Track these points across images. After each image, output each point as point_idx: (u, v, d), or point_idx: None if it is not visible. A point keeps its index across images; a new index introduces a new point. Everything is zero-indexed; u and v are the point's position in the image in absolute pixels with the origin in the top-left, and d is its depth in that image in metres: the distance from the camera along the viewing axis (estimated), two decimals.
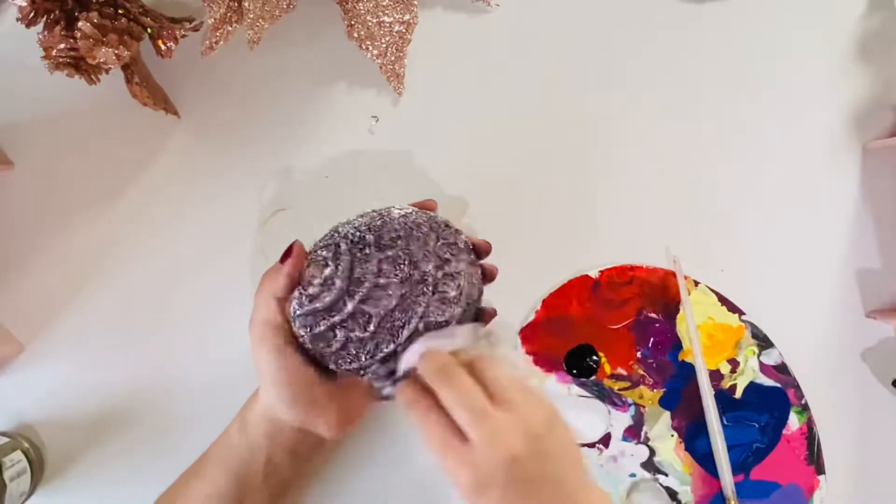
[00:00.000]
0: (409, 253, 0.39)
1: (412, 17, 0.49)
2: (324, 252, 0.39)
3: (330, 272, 0.39)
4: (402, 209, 0.40)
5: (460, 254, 0.40)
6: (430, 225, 0.40)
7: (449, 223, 0.41)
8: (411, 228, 0.39)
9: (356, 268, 0.39)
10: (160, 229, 0.52)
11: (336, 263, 0.39)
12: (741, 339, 0.51)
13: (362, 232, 0.39)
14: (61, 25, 0.44)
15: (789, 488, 0.49)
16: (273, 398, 0.40)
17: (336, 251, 0.39)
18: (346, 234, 0.39)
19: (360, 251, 0.39)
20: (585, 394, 0.51)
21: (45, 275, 0.51)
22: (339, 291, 0.39)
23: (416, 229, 0.40)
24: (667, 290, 0.51)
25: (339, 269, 0.39)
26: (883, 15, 0.52)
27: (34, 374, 0.51)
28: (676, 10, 0.52)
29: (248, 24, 0.46)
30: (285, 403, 0.40)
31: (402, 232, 0.39)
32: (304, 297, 0.39)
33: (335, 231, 0.40)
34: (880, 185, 0.51)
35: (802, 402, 0.50)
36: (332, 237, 0.40)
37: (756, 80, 0.52)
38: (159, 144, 0.52)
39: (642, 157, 0.52)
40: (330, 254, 0.39)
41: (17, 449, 0.49)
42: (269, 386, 0.40)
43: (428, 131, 0.52)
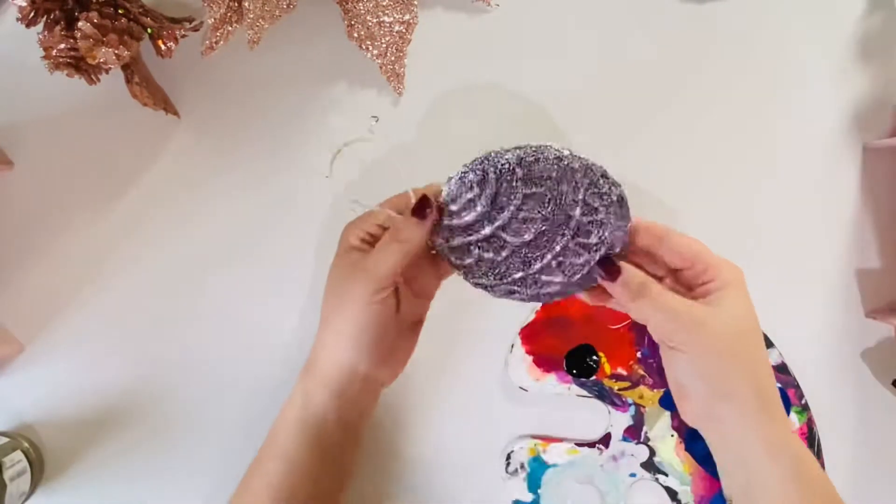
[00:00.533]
0: (557, 195, 0.40)
1: (412, 17, 0.49)
2: (471, 175, 0.40)
3: (474, 195, 0.40)
4: (560, 150, 0.41)
5: (611, 206, 0.40)
6: (584, 171, 0.40)
7: (607, 173, 0.41)
8: (564, 172, 0.40)
9: (500, 196, 0.40)
10: (160, 229, 0.52)
11: (482, 188, 0.40)
12: None
13: (512, 165, 0.40)
14: (61, 25, 0.44)
15: None
16: (351, 351, 0.41)
17: (483, 177, 0.40)
18: (495, 163, 0.40)
19: (507, 182, 0.40)
20: (585, 394, 0.51)
21: (45, 275, 0.51)
22: (479, 215, 0.40)
23: (570, 174, 0.40)
24: None
25: (484, 196, 0.40)
26: (883, 15, 0.52)
27: (34, 374, 0.51)
28: (676, 10, 0.52)
29: (248, 24, 0.46)
30: (366, 350, 0.41)
31: (554, 173, 0.40)
32: (446, 210, 0.41)
33: (486, 158, 0.41)
34: (880, 185, 0.51)
35: (802, 402, 0.50)
36: (482, 163, 0.40)
37: (756, 79, 0.52)
38: (159, 144, 0.52)
39: (641, 156, 0.52)
40: (477, 178, 0.40)
41: (17, 449, 0.49)
42: (358, 333, 0.41)
43: (428, 131, 0.52)
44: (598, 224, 0.40)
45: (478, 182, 0.40)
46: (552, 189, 0.40)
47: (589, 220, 0.40)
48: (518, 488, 0.50)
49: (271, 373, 0.51)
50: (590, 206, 0.40)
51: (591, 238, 0.40)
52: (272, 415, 0.45)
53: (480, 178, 0.40)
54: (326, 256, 0.51)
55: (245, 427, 0.50)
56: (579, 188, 0.40)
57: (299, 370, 0.46)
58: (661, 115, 0.52)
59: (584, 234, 0.40)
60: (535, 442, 0.50)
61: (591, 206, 0.40)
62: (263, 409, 0.47)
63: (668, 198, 0.52)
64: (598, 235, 0.40)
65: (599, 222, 0.40)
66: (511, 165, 0.40)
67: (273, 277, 0.52)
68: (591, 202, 0.40)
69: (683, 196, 0.52)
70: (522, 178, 0.40)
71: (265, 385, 0.51)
